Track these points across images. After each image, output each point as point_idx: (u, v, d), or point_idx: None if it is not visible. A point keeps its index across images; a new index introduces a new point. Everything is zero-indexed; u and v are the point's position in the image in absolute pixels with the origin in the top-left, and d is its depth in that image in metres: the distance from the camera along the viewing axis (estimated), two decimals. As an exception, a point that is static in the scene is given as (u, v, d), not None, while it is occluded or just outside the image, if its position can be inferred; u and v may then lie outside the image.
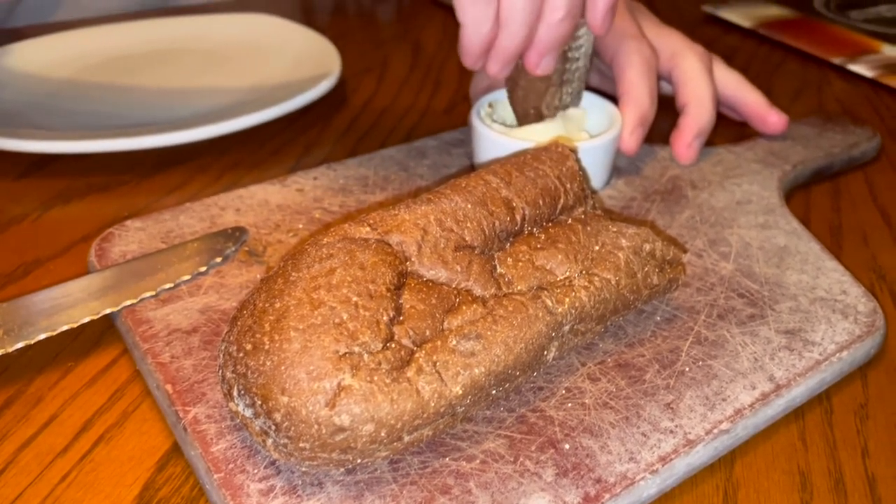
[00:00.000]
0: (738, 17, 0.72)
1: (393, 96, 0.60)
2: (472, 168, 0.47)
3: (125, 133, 0.48)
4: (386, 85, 0.62)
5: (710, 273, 0.38)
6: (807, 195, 0.48)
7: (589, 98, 0.47)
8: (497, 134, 0.43)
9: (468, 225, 0.31)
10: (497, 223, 0.32)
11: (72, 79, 0.60)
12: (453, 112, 0.58)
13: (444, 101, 0.60)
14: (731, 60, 0.66)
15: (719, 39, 0.70)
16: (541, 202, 0.34)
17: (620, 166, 0.47)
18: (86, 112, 0.55)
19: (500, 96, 0.48)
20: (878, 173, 0.50)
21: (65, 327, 0.32)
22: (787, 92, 0.61)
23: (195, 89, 0.58)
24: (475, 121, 0.45)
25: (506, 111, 0.48)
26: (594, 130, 0.47)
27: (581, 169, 0.36)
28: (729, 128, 0.55)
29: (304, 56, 0.61)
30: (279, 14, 0.69)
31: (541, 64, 0.42)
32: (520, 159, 0.36)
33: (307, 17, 0.76)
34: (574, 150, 0.37)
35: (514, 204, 0.33)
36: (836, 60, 0.64)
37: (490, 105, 0.48)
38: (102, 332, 0.35)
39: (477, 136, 0.45)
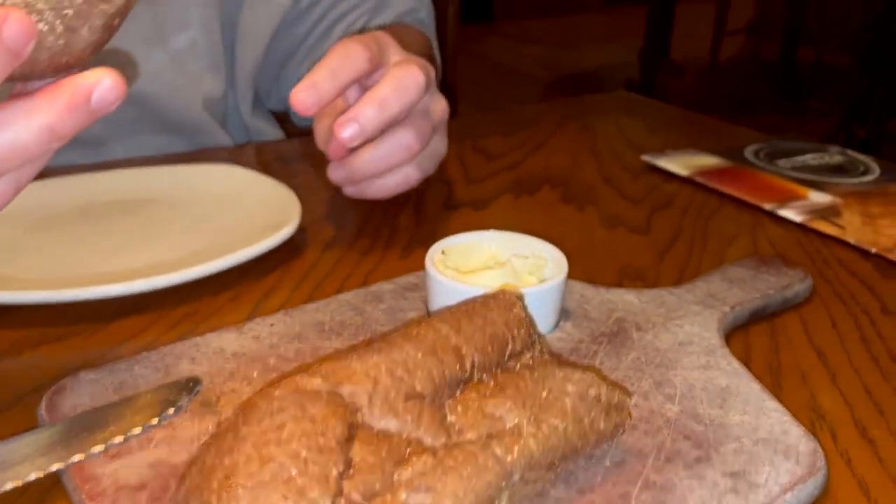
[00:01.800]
0: (675, 166, 0.77)
1: (350, 242, 0.62)
2: (426, 312, 0.49)
3: (82, 283, 0.49)
4: (344, 231, 0.64)
5: (656, 415, 0.39)
6: (746, 335, 0.50)
7: (534, 244, 0.50)
8: (449, 280, 0.45)
9: (418, 374, 0.32)
10: (447, 371, 0.33)
11: (28, 229, 0.61)
12: (409, 257, 0.60)
13: (401, 246, 0.62)
14: (670, 207, 0.70)
15: (659, 187, 0.75)
16: (490, 349, 0.35)
17: (569, 308, 0.49)
18: (42, 262, 0.55)
19: (453, 242, 0.50)
20: (812, 313, 0.53)
21: (9, 485, 0.32)
22: (723, 236, 0.64)
23: (155, 238, 0.60)
24: (429, 266, 0.47)
25: (459, 258, 0.50)
26: (544, 274, 0.49)
27: (528, 315, 0.38)
28: (669, 270, 0.58)
29: (264, 204, 0.63)
30: (240, 163, 0.72)
31: None
32: (469, 307, 0.37)
33: (269, 166, 0.79)
34: (521, 297, 0.39)
35: (464, 351, 0.34)
36: (768, 206, 0.68)
37: (443, 252, 0.50)
38: (49, 489, 0.34)
39: (431, 281, 0.46)
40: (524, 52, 5.06)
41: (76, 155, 0.80)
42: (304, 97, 0.50)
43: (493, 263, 0.49)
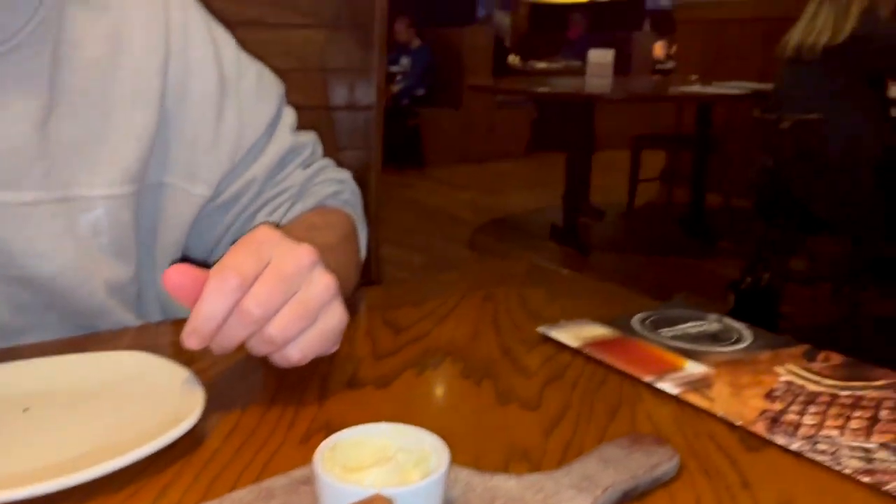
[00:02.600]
0: (567, 337, 0.83)
1: (252, 428, 0.64)
2: (316, 507, 0.51)
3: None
4: (247, 416, 0.66)
5: None
6: (618, 517, 0.53)
7: (419, 436, 0.53)
8: (334, 480, 0.48)
9: None
10: (314, 588, 0.35)
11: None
12: (309, 442, 0.62)
13: (301, 430, 0.64)
14: (561, 378, 0.75)
15: (553, 358, 0.80)
16: (359, 561, 0.38)
17: (453, 498, 0.52)
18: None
19: (343, 437, 0.53)
20: (680, 490, 0.57)
21: None
22: (606, 409, 0.69)
23: (51, 435, 0.61)
24: (316, 466, 0.49)
25: (348, 453, 0.53)
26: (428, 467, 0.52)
27: (398, 523, 0.41)
28: (555, 448, 0.62)
29: (166, 392, 0.65)
30: (145, 346, 0.74)
31: None
32: (344, 516, 0.40)
33: (176, 348, 0.82)
34: (391, 503, 0.42)
35: (333, 566, 0.37)
36: (647, 379, 0.74)
37: (333, 447, 0.53)
38: None
39: (318, 480, 0.49)
40: (454, 196, 5.30)
41: None
42: (190, 343, 0.63)
43: (379, 458, 0.52)
